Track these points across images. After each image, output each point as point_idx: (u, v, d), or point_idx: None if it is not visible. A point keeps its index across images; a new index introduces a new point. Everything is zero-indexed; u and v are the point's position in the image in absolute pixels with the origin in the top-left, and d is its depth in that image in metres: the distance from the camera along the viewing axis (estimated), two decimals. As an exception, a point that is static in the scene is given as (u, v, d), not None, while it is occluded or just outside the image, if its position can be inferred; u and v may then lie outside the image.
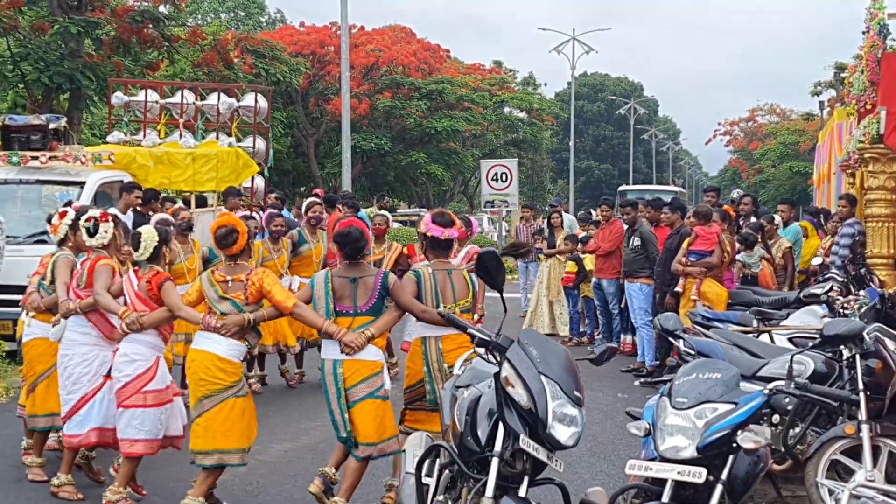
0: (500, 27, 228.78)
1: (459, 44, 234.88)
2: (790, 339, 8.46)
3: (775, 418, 7.06)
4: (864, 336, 6.70)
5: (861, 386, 6.52)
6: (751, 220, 13.73)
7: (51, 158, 13.40)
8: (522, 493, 4.93)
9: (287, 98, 39.56)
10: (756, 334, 8.64)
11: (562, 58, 63.22)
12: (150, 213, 11.78)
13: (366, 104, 41.18)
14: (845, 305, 8.94)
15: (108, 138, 17.08)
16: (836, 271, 10.78)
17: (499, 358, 5.14)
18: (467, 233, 10.24)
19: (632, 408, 6.41)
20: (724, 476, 4.84)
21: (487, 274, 5.60)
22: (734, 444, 4.83)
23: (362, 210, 16.77)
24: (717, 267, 11.53)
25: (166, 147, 15.91)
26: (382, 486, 7.23)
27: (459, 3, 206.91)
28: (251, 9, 55.69)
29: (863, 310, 8.35)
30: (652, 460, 5.06)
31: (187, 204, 15.80)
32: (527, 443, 4.88)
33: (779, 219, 14.19)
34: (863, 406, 6.44)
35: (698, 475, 4.77)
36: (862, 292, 9.31)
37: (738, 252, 12.24)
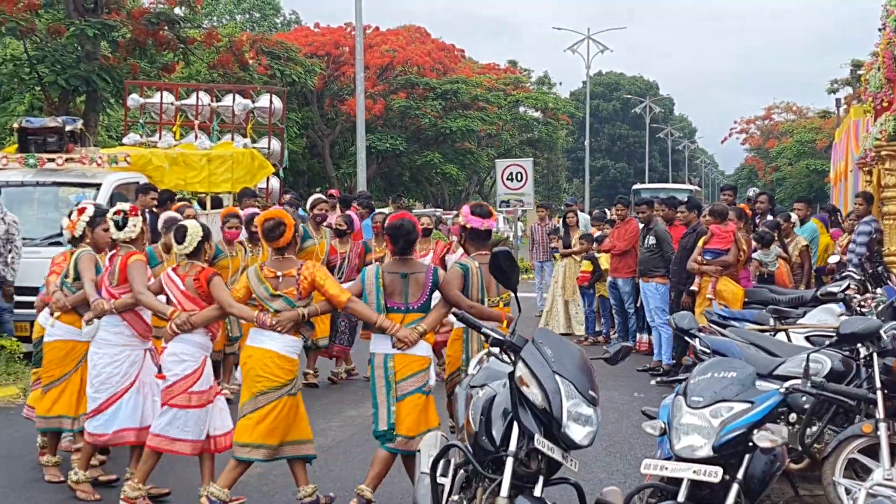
0: (515, 27, 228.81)
1: (474, 44, 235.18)
2: (807, 338, 8.43)
3: (792, 417, 7.01)
4: (882, 334, 6.66)
5: (878, 384, 6.48)
6: (767, 218, 13.67)
7: (67, 161, 13.44)
8: (538, 492, 4.90)
9: (302, 99, 39.64)
10: (773, 333, 8.60)
11: (577, 57, 63.25)
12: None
13: (381, 104, 41.21)
14: (862, 304, 8.91)
15: (124, 140, 17.14)
16: (853, 269, 10.73)
17: (513, 357, 5.14)
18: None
19: (647, 407, 6.39)
20: (740, 475, 4.82)
21: (502, 273, 5.60)
22: (750, 444, 4.81)
23: (378, 211, 16.76)
24: (733, 266, 11.48)
25: (182, 148, 15.96)
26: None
27: (474, 3, 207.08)
28: (266, 10, 55.83)
29: (880, 308, 8.30)
30: (668, 459, 5.04)
31: (203, 205, 15.83)
32: (542, 442, 4.87)
33: (795, 217, 14.11)
34: (880, 404, 6.39)
35: (714, 474, 4.75)
36: (879, 290, 9.28)
37: (755, 250, 12.19)
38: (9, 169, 13.43)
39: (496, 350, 5.31)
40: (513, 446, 4.93)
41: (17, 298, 11.96)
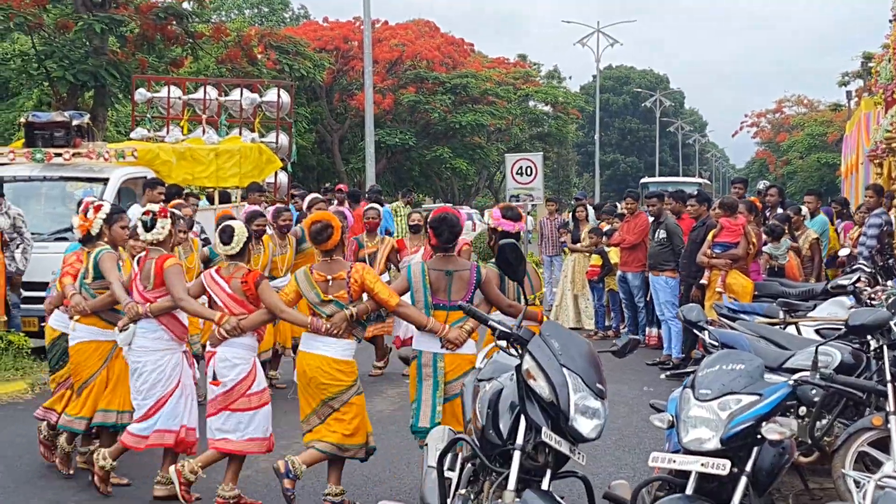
0: (524, 20, 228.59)
1: (483, 38, 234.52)
2: (817, 331, 8.39)
3: (802, 410, 6.96)
4: (892, 326, 6.60)
5: (889, 377, 6.43)
6: (777, 211, 13.61)
7: (74, 155, 13.47)
8: (545, 486, 4.88)
9: (311, 94, 39.67)
10: (782, 326, 8.56)
11: (586, 51, 63.36)
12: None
13: (390, 99, 41.20)
14: (873, 296, 8.85)
15: (132, 135, 17.18)
16: (864, 262, 10.66)
17: (520, 351, 5.11)
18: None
19: (655, 400, 6.35)
20: (748, 468, 4.77)
21: (508, 266, 5.58)
22: (759, 436, 4.76)
23: (386, 205, 16.72)
24: (743, 259, 11.43)
25: (189, 143, 15.98)
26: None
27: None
28: (275, 5, 55.86)
29: (890, 300, 8.23)
30: (676, 452, 5.01)
31: (210, 200, 15.83)
32: (549, 436, 4.84)
33: (806, 210, 14.05)
34: (891, 397, 6.35)
35: (722, 467, 4.71)
36: (890, 283, 9.22)
37: (765, 244, 12.14)
38: (16, 164, 13.45)
39: (503, 343, 5.28)
40: (520, 440, 4.91)
41: (25, 294, 11.96)
